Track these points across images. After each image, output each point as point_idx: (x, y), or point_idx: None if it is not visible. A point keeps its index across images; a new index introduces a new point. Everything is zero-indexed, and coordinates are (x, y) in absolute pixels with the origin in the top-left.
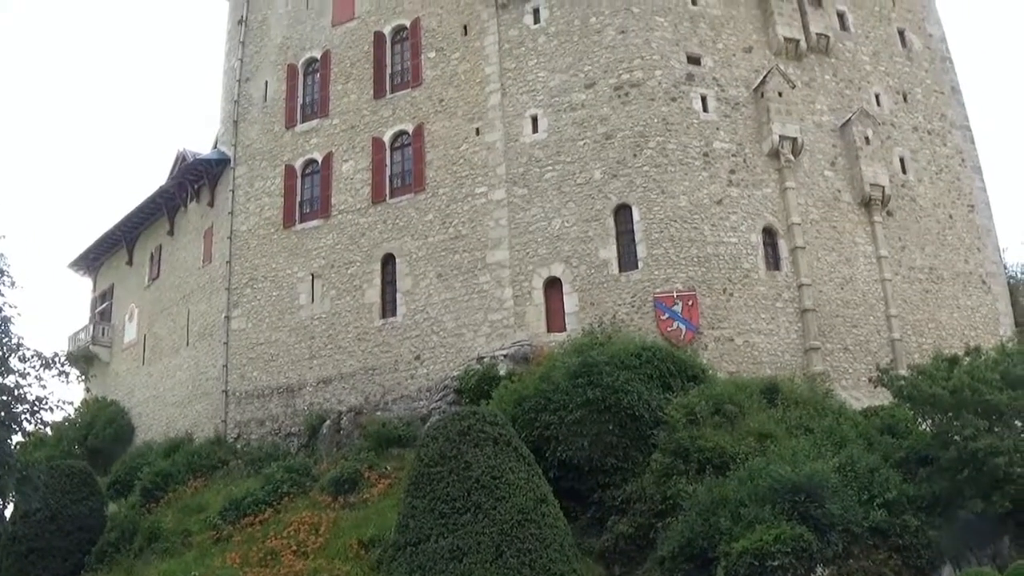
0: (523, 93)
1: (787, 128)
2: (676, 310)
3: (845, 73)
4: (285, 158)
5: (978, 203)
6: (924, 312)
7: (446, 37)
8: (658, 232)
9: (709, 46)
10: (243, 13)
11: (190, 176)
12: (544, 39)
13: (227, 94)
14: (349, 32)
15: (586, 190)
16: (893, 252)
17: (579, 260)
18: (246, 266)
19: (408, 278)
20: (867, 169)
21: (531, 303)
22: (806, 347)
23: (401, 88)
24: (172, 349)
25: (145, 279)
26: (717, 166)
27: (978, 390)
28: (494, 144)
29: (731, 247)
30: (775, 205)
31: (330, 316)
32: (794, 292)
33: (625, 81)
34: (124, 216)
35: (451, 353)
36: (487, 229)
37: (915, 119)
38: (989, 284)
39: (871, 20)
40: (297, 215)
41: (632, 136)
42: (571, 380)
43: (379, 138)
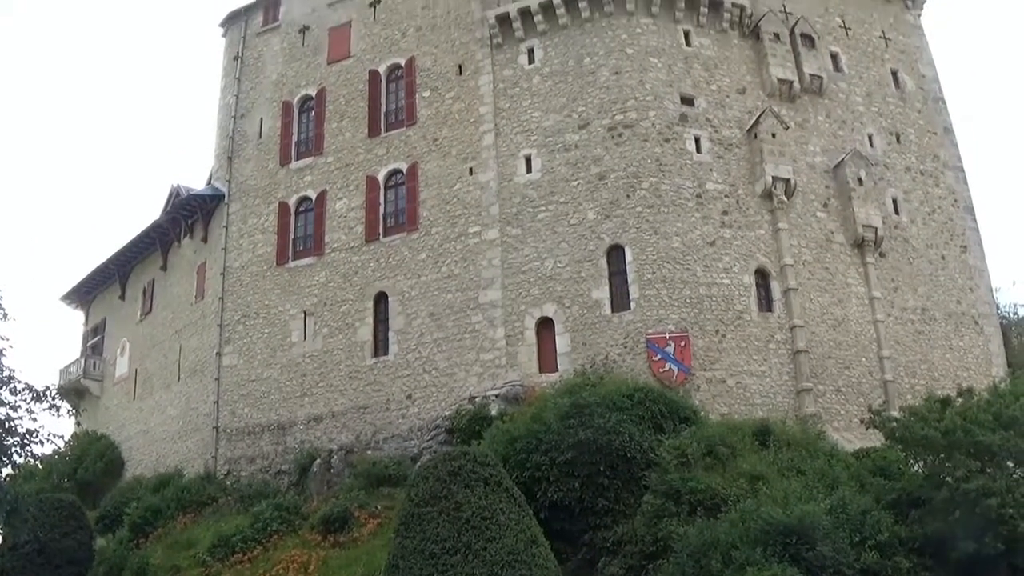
0: (517, 133)
1: (780, 169)
2: (668, 351)
3: (838, 114)
4: (279, 195)
5: (971, 244)
6: (916, 353)
7: (441, 76)
8: (651, 273)
9: (703, 87)
10: (239, 49)
11: (184, 211)
12: (539, 79)
13: (222, 130)
14: (344, 70)
15: (579, 230)
16: (886, 293)
17: (572, 300)
18: (239, 302)
19: (400, 317)
20: (860, 210)
21: (523, 343)
22: (798, 388)
23: (396, 127)
24: (163, 384)
25: (137, 314)
26: (710, 207)
27: (970, 431)
28: (488, 184)
29: (724, 288)
30: (768, 246)
31: (322, 354)
32: (787, 333)
33: (619, 122)
34: (117, 250)
35: (443, 392)
36: (480, 269)
37: (908, 160)
38: (982, 325)
39: (864, 61)
40: (290, 252)
41: (625, 177)
42: (563, 421)
43: (373, 176)
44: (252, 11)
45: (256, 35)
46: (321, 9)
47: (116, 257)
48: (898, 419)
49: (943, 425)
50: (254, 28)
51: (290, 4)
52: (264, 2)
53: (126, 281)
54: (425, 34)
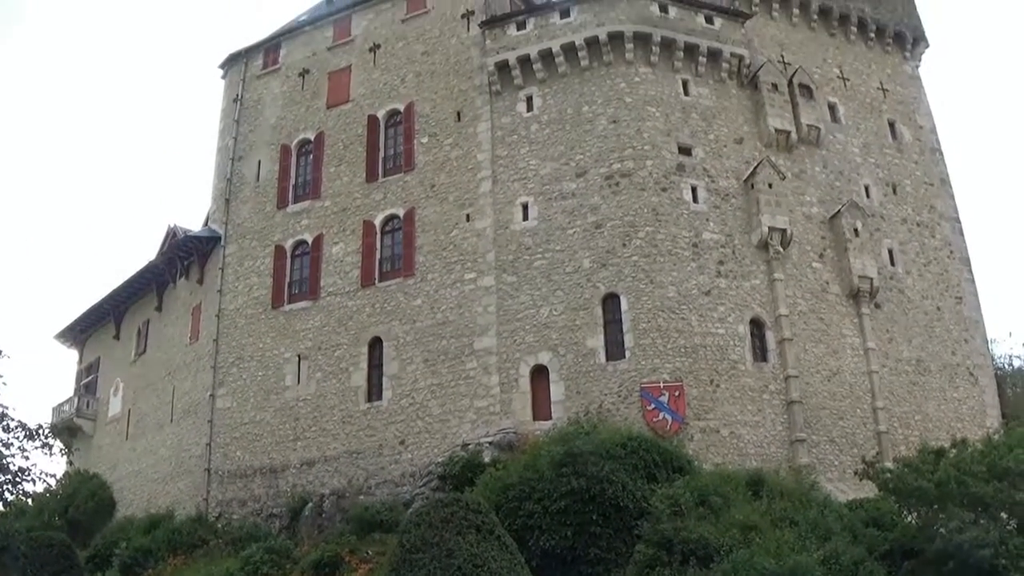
0: (514, 180)
1: (776, 219)
2: (663, 400)
3: (835, 165)
4: (275, 238)
5: (966, 295)
6: (911, 404)
7: (439, 123)
8: (646, 322)
9: (700, 137)
10: (238, 92)
11: (180, 252)
12: (537, 127)
13: (220, 172)
14: (343, 114)
15: (575, 278)
16: (880, 344)
17: (566, 348)
18: (233, 345)
19: (395, 362)
20: (856, 261)
21: (517, 390)
22: (792, 439)
23: (393, 172)
24: (156, 425)
25: (131, 354)
26: (706, 257)
27: (964, 482)
28: (484, 231)
29: (718, 338)
30: (763, 296)
31: (316, 398)
32: (781, 384)
33: (616, 170)
34: (113, 290)
35: (436, 439)
36: (475, 315)
37: (904, 211)
38: (976, 376)
39: (862, 112)
40: (286, 295)
41: (622, 225)
42: (556, 469)
43: (370, 221)
44: (252, 53)
45: (256, 77)
46: (321, 53)
47: (111, 296)
48: (892, 470)
49: (937, 476)
50: (254, 70)
51: (290, 47)
52: (264, 45)
53: (121, 321)
54: (424, 80)
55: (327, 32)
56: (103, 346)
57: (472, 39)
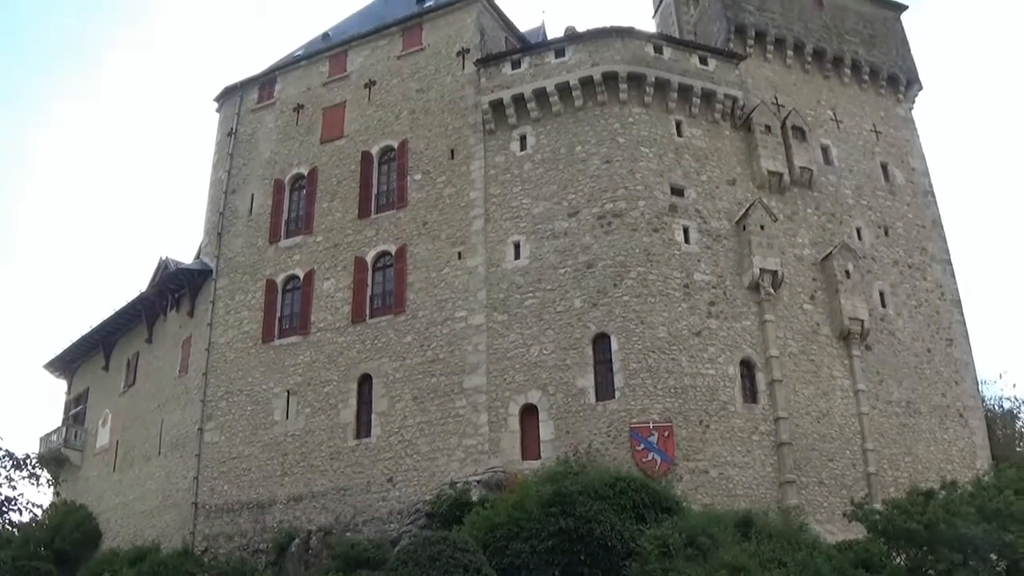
0: (507, 219)
1: (768, 261)
2: (652, 441)
3: (827, 207)
4: (267, 272)
5: (957, 337)
6: (901, 446)
7: (433, 160)
8: (636, 362)
9: (693, 178)
10: (233, 125)
11: (171, 285)
12: (530, 166)
13: (213, 205)
14: (337, 150)
15: (565, 318)
16: (871, 386)
17: (556, 388)
18: (222, 379)
19: (384, 399)
20: (847, 303)
21: (506, 429)
22: (781, 480)
23: (386, 209)
24: (144, 457)
25: (121, 385)
26: (697, 298)
27: (953, 524)
28: (476, 269)
29: (709, 379)
30: (754, 338)
31: (304, 434)
32: (771, 425)
33: (608, 210)
34: (103, 320)
35: (424, 477)
36: (465, 354)
37: (896, 253)
38: (967, 418)
39: (855, 154)
40: (276, 330)
41: (613, 265)
42: (544, 509)
43: (362, 258)
44: (248, 87)
45: (251, 111)
46: (316, 88)
47: (101, 327)
48: (881, 512)
49: (926, 518)
50: (249, 104)
51: (285, 82)
52: (260, 79)
53: (110, 352)
54: (419, 117)
55: (323, 67)
56: (92, 377)
57: (467, 77)
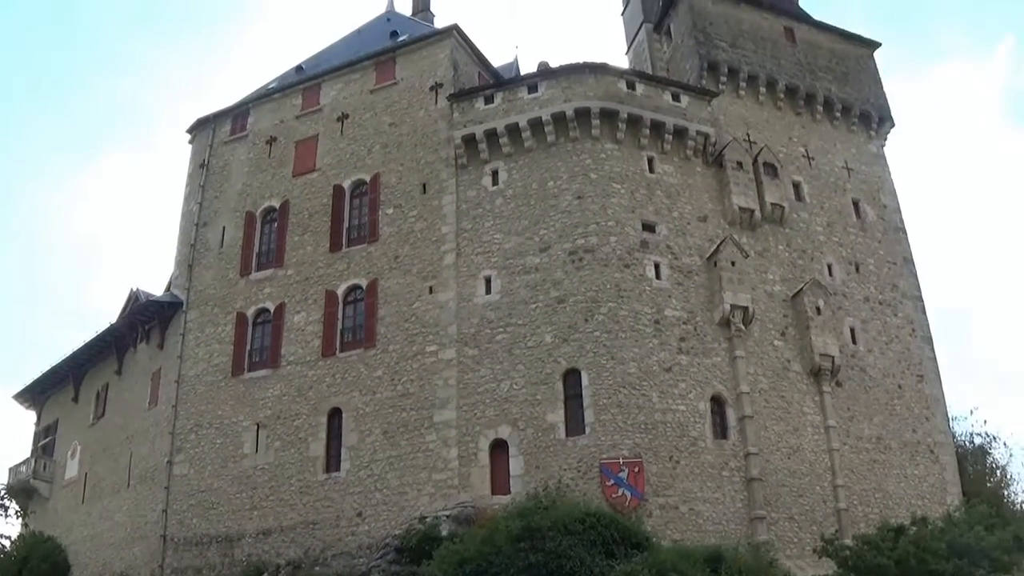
0: (478, 254)
1: (739, 297)
2: (622, 476)
3: (799, 243)
4: (237, 305)
5: (928, 373)
6: (871, 482)
7: (405, 194)
8: (606, 398)
9: (664, 214)
10: (205, 157)
11: (141, 317)
12: (502, 201)
13: (184, 237)
14: (309, 183)
15: (536, 353)
16: (841, 422)
17: (526, 423)
18: (192, 411)
19: (354, 433)
20: (817, 339)
21: (476, 464)
22: (751, 516)
23: (357, 243)
24: (113, 490)
25: (90, 417)
26: (668, 333)
27: (924, 560)
28: (447, 303)
29: (679, 415)
30: (724, 374)
31: (273, 467)
32: (741, 461)
33: (580, 246)
34: (73, 351)
35: (393, 511)
36: (435, 388)
37: (867, 289)
38: (937, 454)
39: (826, 191)
40: (246, 363)
41: (584, 301)
42: (513, 544)
43: (332, 291)
44: (220, 119)
45: (223, 143)
46: (289, 121)
47: (71, 358)
48: (851, 547)
49: (896, 553)
50: (221, 136)
51: (258, 114)
52: (233, 111)
53: (80, 383)
54: (391, 151)
55: (296, 100)
56: (62, 408)
57: (440, 112)
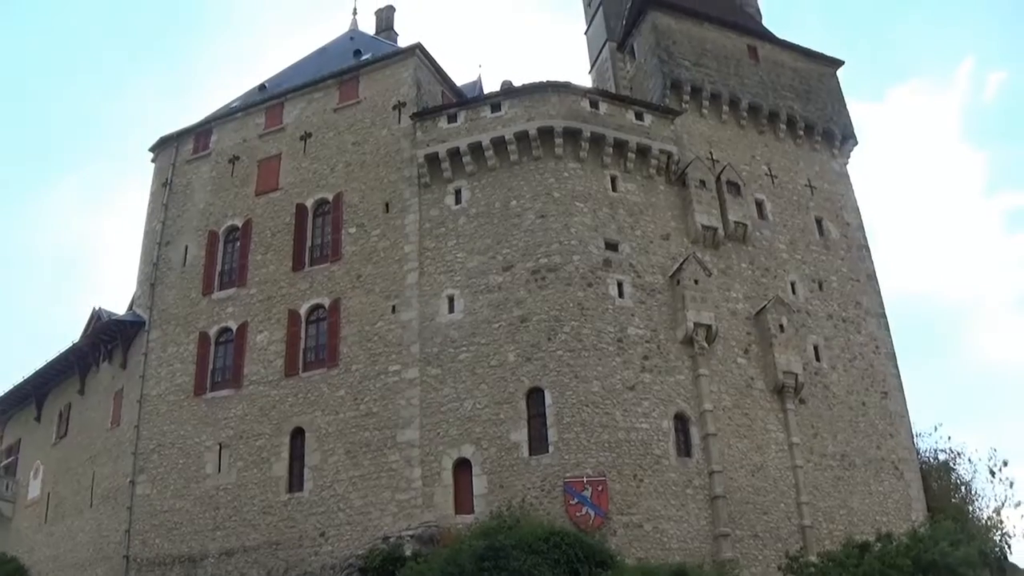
0: (441, 273)
1: (702, 315)
2: (586, 495)
3: (762, 261)
4: (200, 325)
5: (892, 390)
6: (835, 498)
7: (368, 213)
8: (570, 416)
9: (627, 232)
10: (168, 176)
11: (104, 336)
12: (464, 220)
13: (146, 256)
14: (272, 202)
15: (499, 372)
16: (805, 439)
17: (490, 442)
18: (154, 431)
19: (317, 453)
20: (781, 357)
21: (440, 484)
22: (716, 534)
23: (320, 262)
24: (75, 509)
25: (53, 436)
26: (631, 352)
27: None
28: (410, 323)
29: (642, 433)
30: (688, 392)
31: (236, 487)
32: (705, 479)
33: (543, 265)
34: (35, 371)
35: (357, 531)
36: (399, 408)
37: (830, 307)
38: (902, 470)
39: (789, 209)
40: (208, 383)
41: (547, 320)
42: (477, 563)
43: (295, 310)
44: (183, 138)
45: (186, 162)
46: (252, 140)
47: (33, 378)
48: (816, 564)
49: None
50: (184, 155)
51: (221, 133)
52: (195, 129)
53: (43, 403)
54: (354, 170)
55: (259, 119)
56: (24, 428)
57: (403, 130)
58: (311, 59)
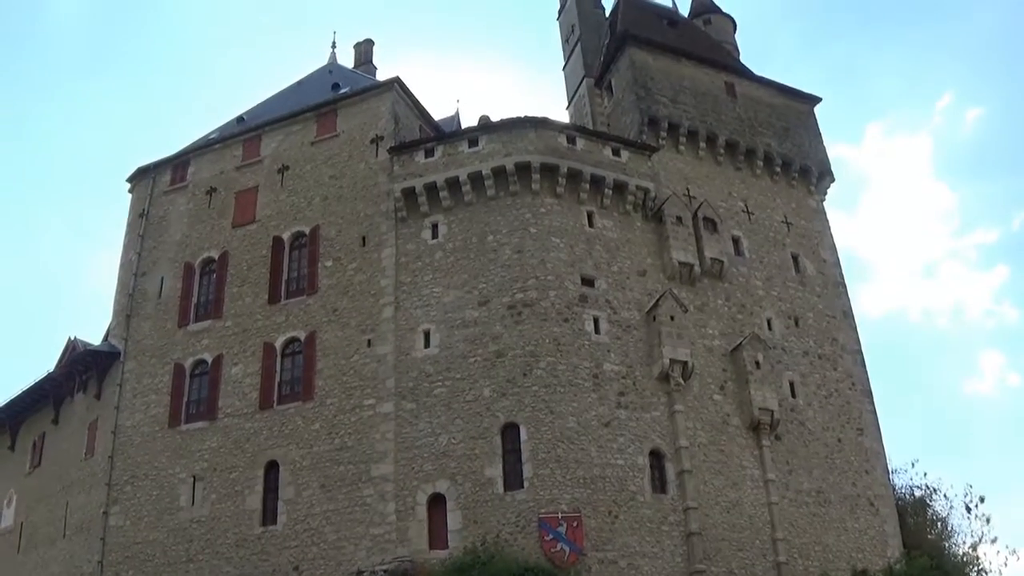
0: (417, 307)
1: (678, 352)
2: (561, 531)
3: (738, 297)
4: (175, 356)
5: (867, 426)
6: (811, 535)
7: (344, 247)
8: (545, 452)
9: (604, 268)
10: (145, 206)
11: (79, 366)
12: (441, 254)
13: (122, 287)
14: (248, 235)
15: (475, 407)
16: (780, 476)
17: (464, 477)
18: (128, 463)
19: (291, 487)
20: (756, 393)
21: (414, 519)
22: (691, 570)
23: (296, 295)
24: (48, 540)
25: (26, 466)
26: (606, 388)
27: None
28: (385, 357)
29: (618, 469)
30: (663, 428)
31: (210, 520)
32: (680, 515)
33: (519, 300)
34: (9, 400)
35: (330, 565)
36: (373, 442)
37: (806, 344)
38: (877, 506)
39: (766, 245)
40: (183, 415)
41: (523, 355)
42: None
43: (271, 343)
44: (161, 169)
45: (163, 193)
46: (229, 172)
47: (7, 407)
48: None
49: None
50: (161, 186)
51: (199, 164)
52: (173, 161)
53: (16, 432)
54: (331, 204)
55: (236, 151)
56: None
57: (380, 164)
58: (290, 91)
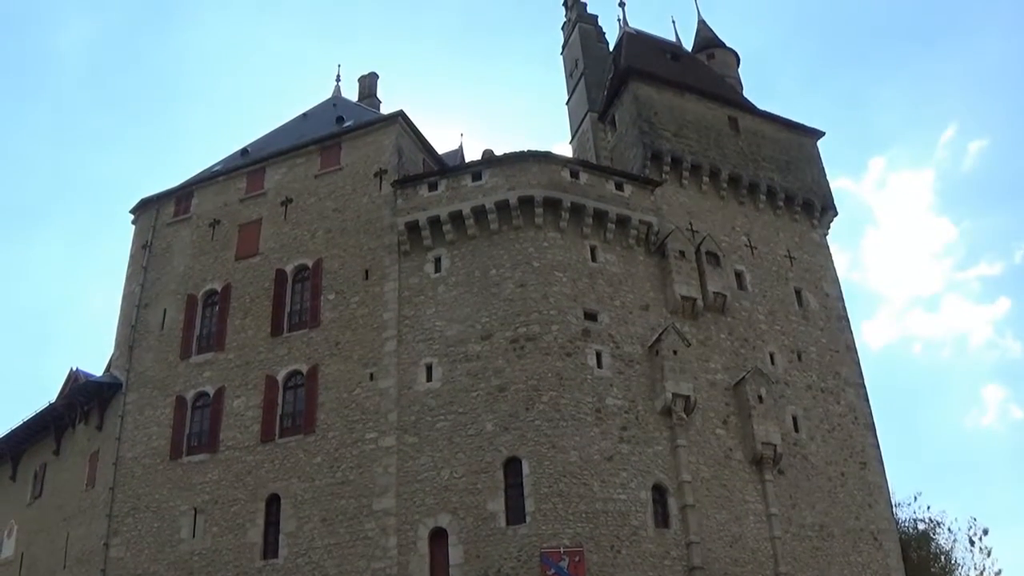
0: (419, 341)
1: (680, 386)
2: (562, 566)
3: (741, 332)
4: (177, 388)
5: (870, 460)
6: (814, 569)
7: (347, 280)
8: (547, 487)
9: (607, 302)
10: (148, 238)
11: (80, 397)
12: (444, 288)
13: (125, 318)
14: (251, 267)
15: (477, 441)
16: (783, 510)
17: (466, 512)
18: (129, 494)
19: (292, 520)
20: (759, 428)
21: (416, 553)
22: None
23: (298, 328)
24: (49, 571)
25: (27, 496)
26: (609, 422)
27: None
28: (387, 390)
29: (620, 504)
30: (666, 462)
31: (210, 552)
32: (682, 550)
33: (522, 334)
34: (10, 430)
35: None
36: (375, 476)
37: (809, 378)
38: (880, 540)
39: (768, 279)
40: (184, 447)
41: (526, 389)
42: None
43: (273, 376)
44: (164, 200)
45: (167, 225)
46: (233, 204)
47: (9, 437)
48: None
49: None
50: (165, 218)
51: (202, 197)
52: (176, 192)
53: (18, 462)
54: (334, 237)
55: (240, 183)
56: None
57: (384, 198)
58: (293, 124)
